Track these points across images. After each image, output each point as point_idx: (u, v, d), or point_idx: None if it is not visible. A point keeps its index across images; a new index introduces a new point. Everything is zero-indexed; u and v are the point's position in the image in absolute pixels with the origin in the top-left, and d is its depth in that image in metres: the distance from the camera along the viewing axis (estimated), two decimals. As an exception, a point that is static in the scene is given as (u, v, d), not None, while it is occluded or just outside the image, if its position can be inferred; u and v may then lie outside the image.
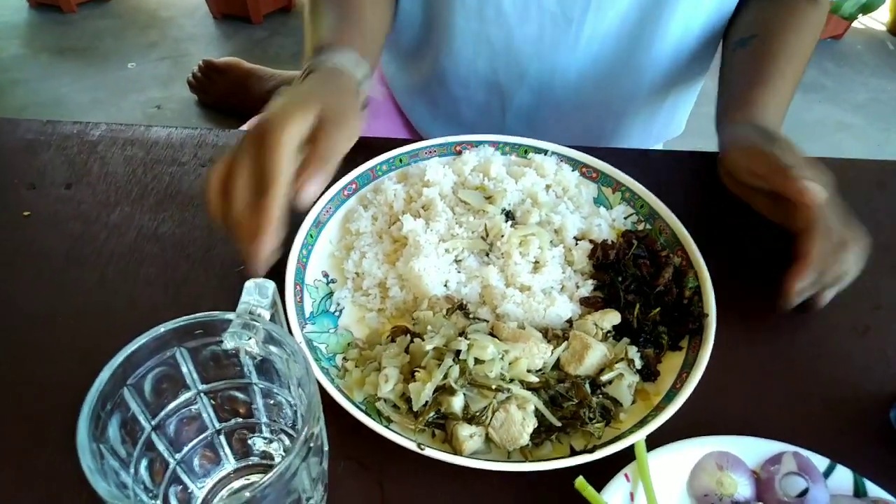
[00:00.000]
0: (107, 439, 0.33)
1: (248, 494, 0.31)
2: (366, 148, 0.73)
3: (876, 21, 2.65)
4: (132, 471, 0.36)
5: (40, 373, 0.53)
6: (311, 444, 0.34)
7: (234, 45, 2.25)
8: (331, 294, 0.58)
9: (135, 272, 0.61)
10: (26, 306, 0.58)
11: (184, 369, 0.38)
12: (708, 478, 0.46)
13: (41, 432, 0.49)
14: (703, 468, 0.46)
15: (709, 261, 0.58)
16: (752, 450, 0.47)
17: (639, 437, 0.46)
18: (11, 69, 2.08)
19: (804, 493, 0.45)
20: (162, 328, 0.35)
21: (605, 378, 0.50)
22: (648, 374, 0.52)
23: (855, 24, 2.48)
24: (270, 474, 0.31)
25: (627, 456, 0.45)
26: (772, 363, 0.56)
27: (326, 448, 0.39)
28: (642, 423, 0.48)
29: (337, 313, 0.57)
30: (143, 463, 0.37)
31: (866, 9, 2.24)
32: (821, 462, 0.47)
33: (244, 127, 1.07)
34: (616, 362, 0.51)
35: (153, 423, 0.38)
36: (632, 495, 0.44)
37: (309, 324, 0.55)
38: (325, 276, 0.59)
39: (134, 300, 0.59)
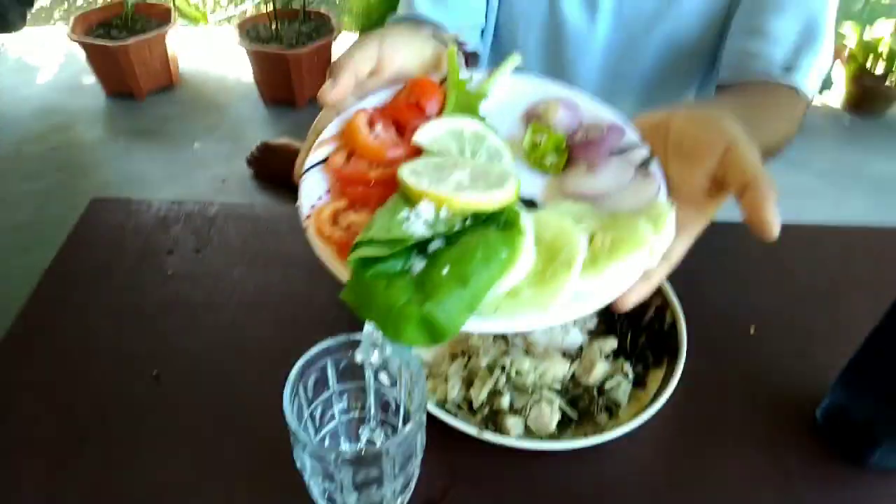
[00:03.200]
0: (294, 409, 0.49)
1: (378, 445, 0.46)
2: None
3: (833, 99, 2.84)
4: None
5: (186, 394, 0.67)
6: (421, 420, 0.50)
7: (283, 126, 2.45)
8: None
9: (256, 316, 0.76)
10: (175, 343, 0.73)
11: (329, 373, 0.54)
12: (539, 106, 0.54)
13: (201, 444, 0.63)
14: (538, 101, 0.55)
15: (684, 302, 0.72)
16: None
17: (633, 425, 0.60)
18: (95, 150, 2.31)
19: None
20: (331, 341, 0.52)
21: (607, 386, 0.65)
22: (639, 382, 0.67)
23: (815, 101, 2.66)
24: (403, 430, 0.46)
25: (627, 436, 0.59)
26: (728, 375, 0.70)
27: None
28: (635, 415, 0.62)
29: (409, 343, 0.73)
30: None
31: (822, 86, 2.41)
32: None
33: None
34: (615, 374, 0.67)
35: (310, 408, 0.54)
36: None
37: (391, 350, 0.71)
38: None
39: (256, 337, 0.74)
